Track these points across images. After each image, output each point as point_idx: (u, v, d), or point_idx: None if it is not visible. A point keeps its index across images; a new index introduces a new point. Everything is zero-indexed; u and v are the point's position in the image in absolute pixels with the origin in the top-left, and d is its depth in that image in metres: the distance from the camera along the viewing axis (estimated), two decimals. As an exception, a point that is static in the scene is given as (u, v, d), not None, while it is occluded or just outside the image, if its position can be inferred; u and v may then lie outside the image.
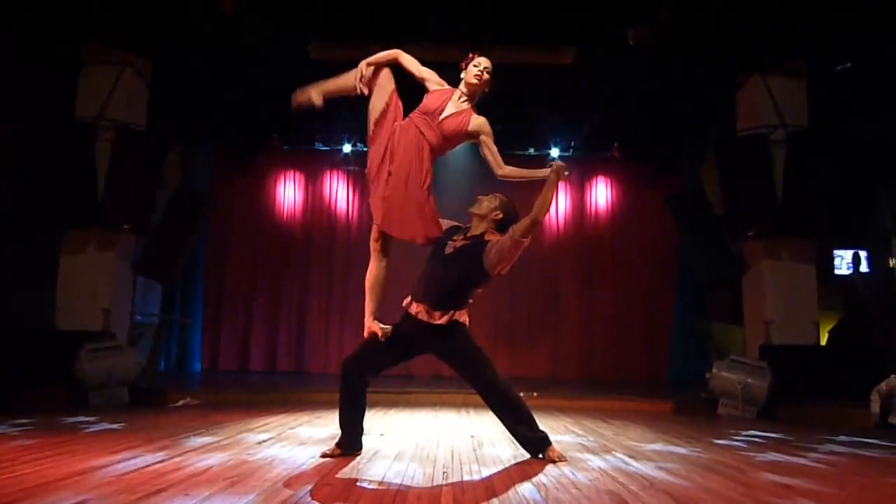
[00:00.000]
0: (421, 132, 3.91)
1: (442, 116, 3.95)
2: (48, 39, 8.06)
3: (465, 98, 4.02)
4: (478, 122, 4.00)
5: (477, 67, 4.00)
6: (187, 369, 11.05)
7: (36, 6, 7.46)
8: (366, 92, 4.05)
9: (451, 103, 3.99)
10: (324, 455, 3.89)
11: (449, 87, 4.08)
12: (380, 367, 4.12)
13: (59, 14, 7.59)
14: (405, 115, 4.05)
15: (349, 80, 4.12)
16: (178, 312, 10.81)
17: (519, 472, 3.61)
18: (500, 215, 4.01)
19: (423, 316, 3.90)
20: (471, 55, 4.07)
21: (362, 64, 4.06)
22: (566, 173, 3.91)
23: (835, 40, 7.83)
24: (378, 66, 4.07)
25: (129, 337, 8.54)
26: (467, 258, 3.92)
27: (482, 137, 4.00)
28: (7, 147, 7.95)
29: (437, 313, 3.89)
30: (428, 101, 4.01)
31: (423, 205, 3.86)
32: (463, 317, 3.96)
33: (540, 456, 3.97)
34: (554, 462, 3.85)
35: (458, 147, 4.18)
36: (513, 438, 4.15)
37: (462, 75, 4.05)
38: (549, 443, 4.02)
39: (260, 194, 11.85)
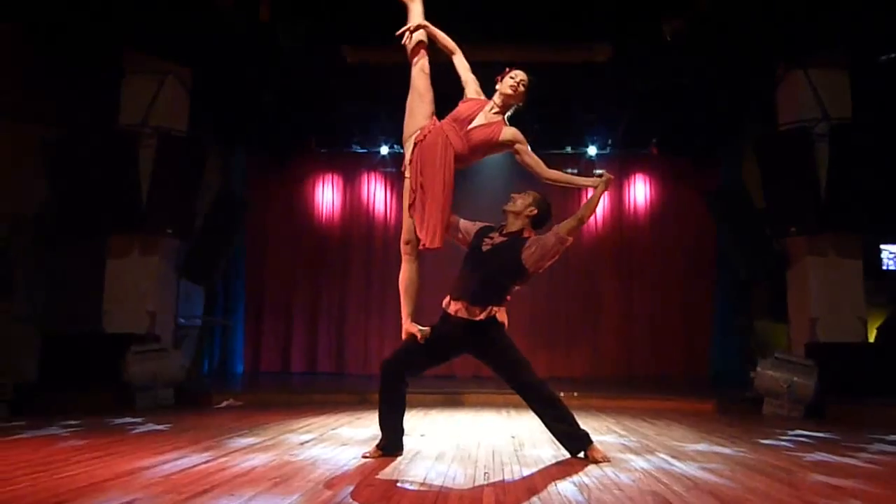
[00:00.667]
0: (448, 140, 3.92)
1: (471, 126, 3.97)
2: (91, 49, 8.27)
3: (496, 110, 4.03)
4: (509, 132, 4.00)
5: (513, 79, 4.01)
6: (230, 371, 11.21)
7: (79, 17, 7.65)
8: (406, 42, 4.10)
9: (482, 114, 4.00)
10: (365, 456, 3.93)
11: (484, 98, 4.08)
12: (419, 367, 4.14)
13: (101, 25, 7.78)
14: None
15: (412, 17, 4.17)
16: (220, 315, 10.97)
17: (560, 473, 3.59)
18: (535, 211, 4.05)
19: (462, 313, 3.93)
20: (507, 69, 4.07)
21: (421, 25, 4.11)
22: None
23: (877, 30, 7.63)
24: (428, 43, 4.11)
25: (173, 339, 8.70)
26: (506, 254, 3.96)
27: (517, 146, 4.00)
28: (54, 155, 8.17)
29: (476, 309, 3.93)
30: (461, 108, 4.03)
31: (445, 211, 3.88)
32: (502, 315, 3.97)
33: (581, 455, 3.96)
34: (597, 462, 3.83)
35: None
36: (553, 438, 4.14)
37: (497, 86, 4.05)
38: (590, 441, 4.00)
39: (298, 197, 11.96)
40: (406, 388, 4.08)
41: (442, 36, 4.15)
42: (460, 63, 4.16)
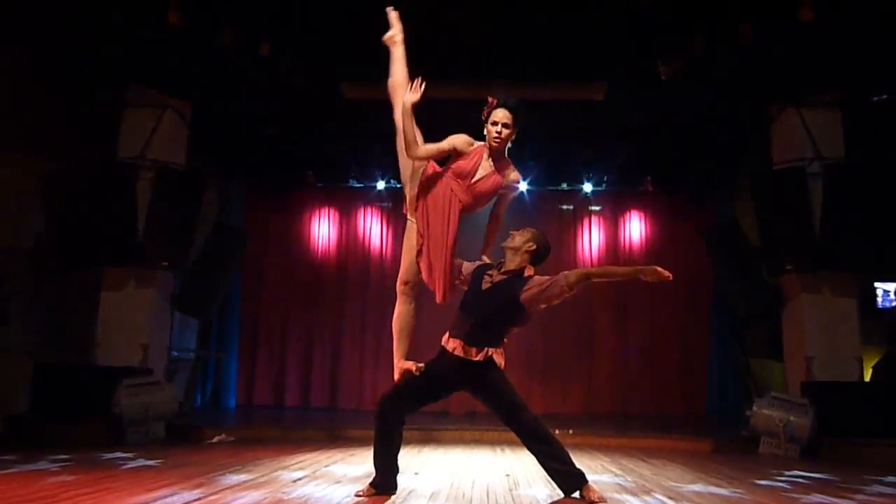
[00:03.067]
0: (454, 193, 3.97)
1: (474, 179, 4.01)
2: (92, 83, 8.34)
3: (492, 157, 4.06)
4: (512, 175, 4.10)
5: (495, 126, 3.99)
6: (223, 404, 11.11)
7: (80, 50, 7.73)
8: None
9: (482, 166, 4.03)
10: (358, 495, 3.88)
11: (479, 145, 4.07)
12: (416, 404, 4.10)
13: (102, 58, 7.87)
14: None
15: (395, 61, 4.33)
16: (213, 347, 10.91)
17: (556, 514, 3.55)
18: (534, 247, 4.05)
19: (458, 352, 3.90)
20: (489, 101, 4.05)
21: (410, 99, 3.98)
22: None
23: (869, 71, 7.75)
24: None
25: (166, 372, 8.64)
26: (505, 293, 3.94)
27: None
28: (52, 186, 8.19)
29: (472, 350, 3.89)
30: (461, 164, 4.03)
31: (448, 262, 3.94)
32: (499, 357, 3.95)
33: (576, 495, 3.91)
34: (593, 502, 3.78)
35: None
36: (548, 477, 4.09)
37: (485, 131, 4.06)
38: (585, 480, 3.94)
39: (294, 230, 11.98)
40: (402, 426, 4.04)
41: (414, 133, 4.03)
42: (439, 147, 4.07)
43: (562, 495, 3.99)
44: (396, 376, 3.97)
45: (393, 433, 4.00)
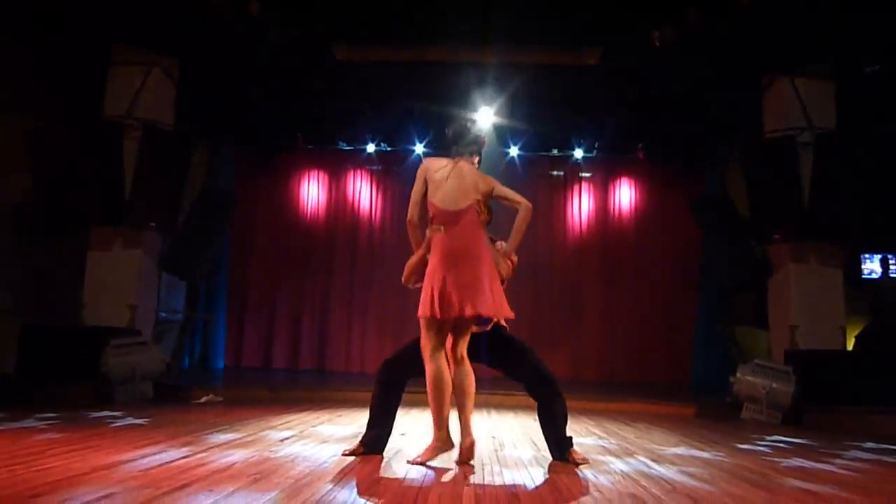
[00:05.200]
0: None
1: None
2: (77, 40, 8.19)
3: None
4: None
5: None
6: (211, 365, 11.15)
7: (65, 8, 7.58)
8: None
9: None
10: (345, 453, 3.91)
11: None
12: (420, 373, 4.05)
13: (87, 15, 7.71)
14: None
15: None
16: (202, 310, 10.91)
17: (540, 474, 3.60)
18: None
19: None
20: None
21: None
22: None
23: (863, 42, 7.72)
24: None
25: (153, 333, 8.64)
26: None
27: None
28: (36, 145, 8.08)
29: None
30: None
31: None
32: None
33: (561, 456, 3.96)
34: (577, 464, 3.84)
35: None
36: (541, 435, 4.12)
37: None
38: (571, 444, 4.00)
39: (284, 193, 11.93)
40: (403, 391, 4.06)
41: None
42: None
43: (547, 457, 4.04)
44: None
45: (393, 397, 4.03)
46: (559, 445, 4.00)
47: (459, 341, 3.83)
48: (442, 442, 3.82)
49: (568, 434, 4.04)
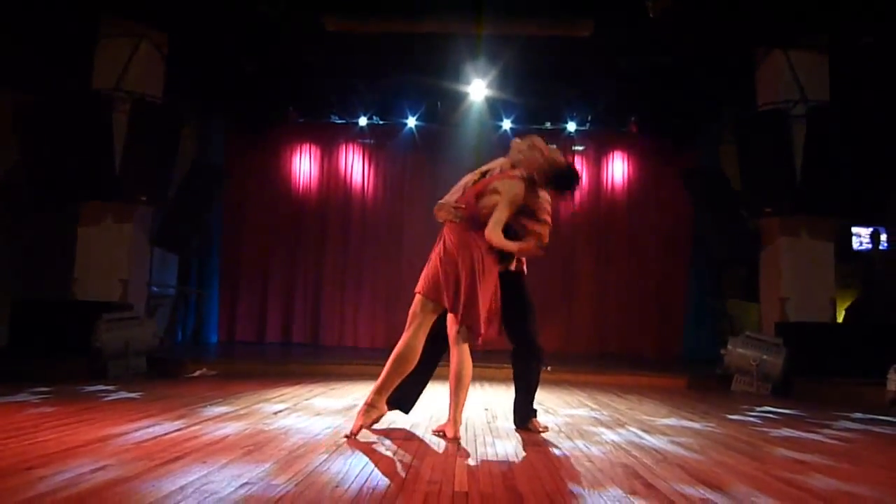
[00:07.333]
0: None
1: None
2: (65, 13, 8.05)
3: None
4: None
5: None
6: (204, 340, 11.14)
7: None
8: None
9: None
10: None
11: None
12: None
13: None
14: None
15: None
16: (194, 284, 10.88)
17: (532, 445, 3.63)
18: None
19: None
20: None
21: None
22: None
23: (858, 14, 7.66)
24: None
25: (146, 308, 8.63)
26: None
27: None
28: (25, 118, 7.98)
29: None
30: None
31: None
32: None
33: (522, 425, 4.11)
34: (539, 432, 4.00)
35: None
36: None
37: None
38: (535, 414, 4.16)
39: (275, 167, 11.85)
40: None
41: None
42: None
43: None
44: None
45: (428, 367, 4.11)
46: (524, 414, 4.13)
47: (462, 329, 3.85)
48: (378, 405, 3.80)
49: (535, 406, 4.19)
